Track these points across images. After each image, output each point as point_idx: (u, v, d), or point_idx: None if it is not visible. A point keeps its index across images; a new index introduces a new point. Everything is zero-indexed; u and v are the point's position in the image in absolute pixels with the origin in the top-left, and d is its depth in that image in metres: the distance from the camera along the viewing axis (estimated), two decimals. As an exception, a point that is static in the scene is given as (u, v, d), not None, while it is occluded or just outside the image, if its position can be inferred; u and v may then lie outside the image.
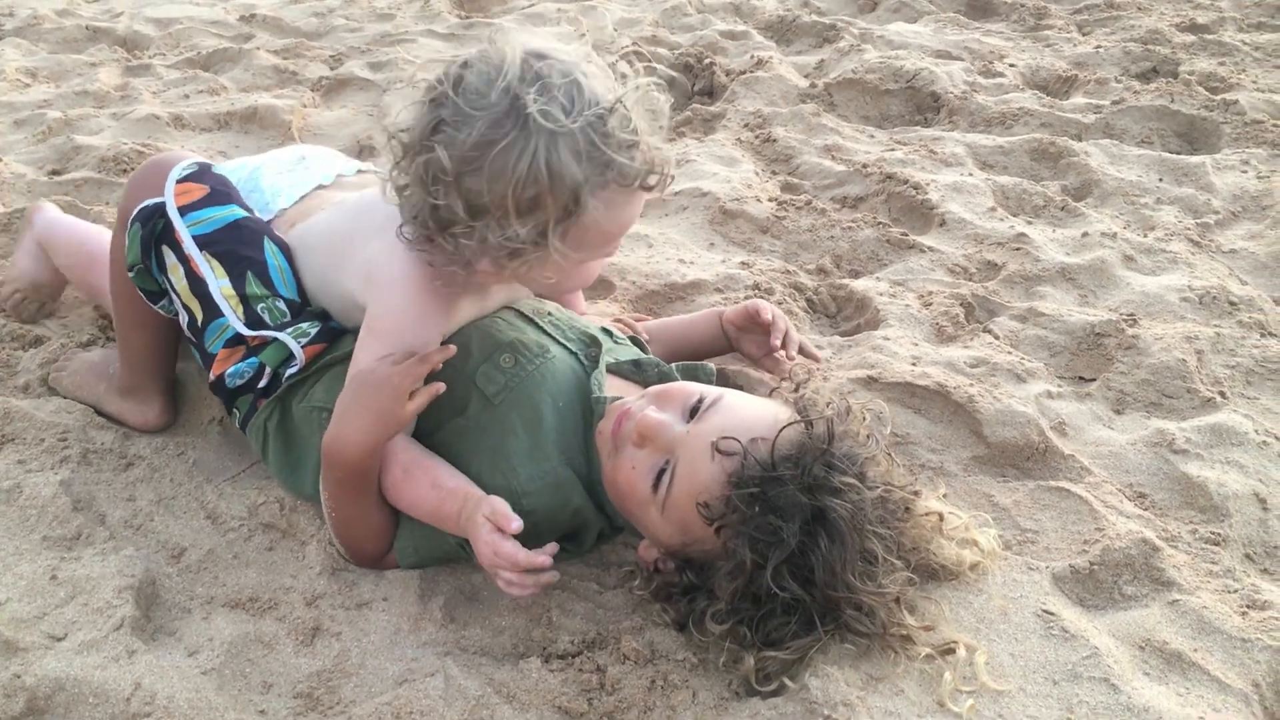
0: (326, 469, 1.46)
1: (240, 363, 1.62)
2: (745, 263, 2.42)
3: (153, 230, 1.62)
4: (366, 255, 1.53)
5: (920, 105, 3.56)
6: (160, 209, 1.61)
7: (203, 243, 1.60)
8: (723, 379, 1.83)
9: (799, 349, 1.89)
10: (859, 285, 2.33)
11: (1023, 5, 4.67)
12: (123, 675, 1.29)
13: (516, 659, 1.38)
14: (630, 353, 1.73)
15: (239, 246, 1.62)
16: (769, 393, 1.60)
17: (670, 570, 1.42)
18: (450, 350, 1.49)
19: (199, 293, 1.62)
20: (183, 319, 1.67)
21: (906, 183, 2.79)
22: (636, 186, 1.37)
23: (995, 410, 1.79)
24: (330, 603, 1.47)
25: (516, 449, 1.49)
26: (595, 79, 1.34)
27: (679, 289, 2.29)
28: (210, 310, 1.62)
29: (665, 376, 1.64)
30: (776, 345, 1.85)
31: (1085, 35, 4.34)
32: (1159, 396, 1.92)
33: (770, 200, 2.77)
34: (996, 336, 2.13)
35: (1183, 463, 1.72)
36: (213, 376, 1.64)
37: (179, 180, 1.63)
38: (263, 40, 4.29)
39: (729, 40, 4.23)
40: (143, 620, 1.41)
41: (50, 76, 3.78)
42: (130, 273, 1.66)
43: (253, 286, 1.61)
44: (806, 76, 3.82)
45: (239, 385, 1.63)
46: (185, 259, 1.61)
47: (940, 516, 1.44)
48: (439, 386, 1.47)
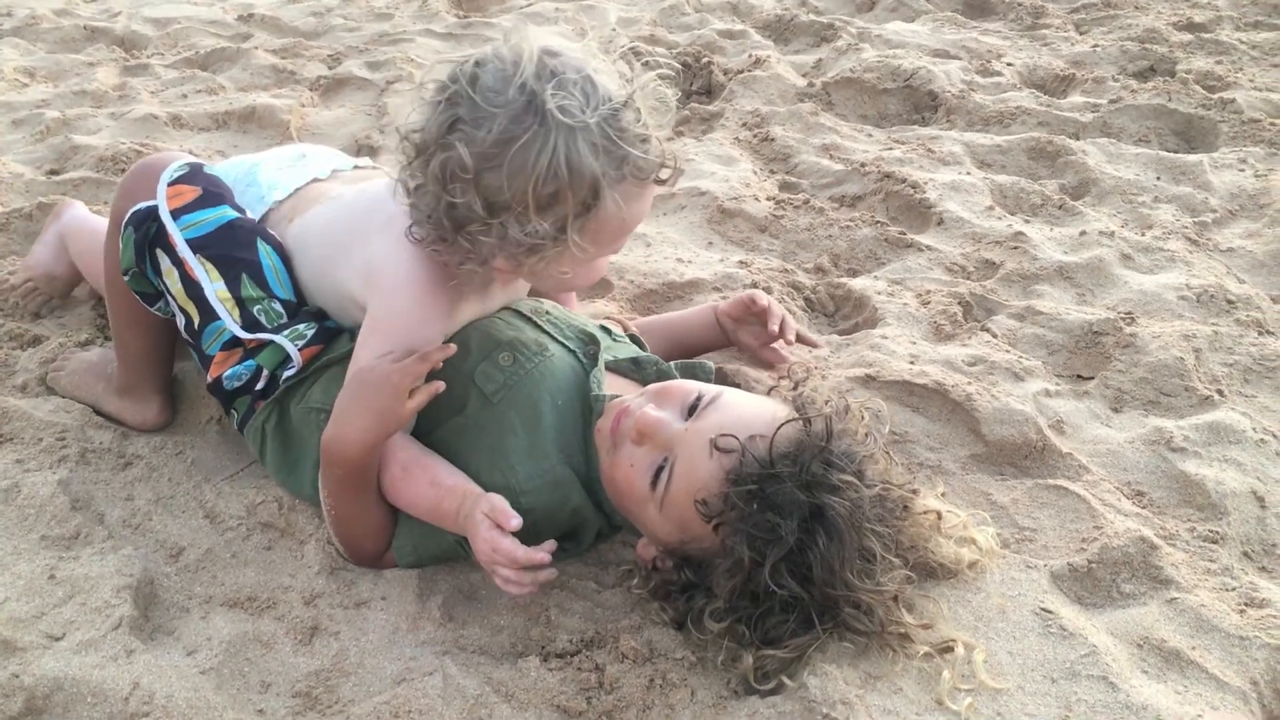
0: (326, 467, 1.46)
1: (237, 365, 1.62)
2: (743, 262, 2.42)
3: (146, 234, 1.61)
4: (367, 254, 1.53)
5: (918, 104, 3.56)
6: (153, 212, 1.61)
7: (196, 246, 1.60)
8: (721, 377, 1.83)
9: (796, 336, 1.89)
10: (857, 284, 2.33)
11: (1020, 4, 4.67)
12: (121, 675, 1.29)
13: (515, 658, 1.38)
14: (629, 350, 1.73)
15: (233, 249, 1.61)
16: (767, 391, 1.60)
17: (668, 568, 1.42)
18: (450, 349, 1.49)
19: (194, 296, 1.61)
20: (179, 321, 1.67)
21: (904, 182, 2.79)
22: (650, 180, 1.39)
23: (993, 409, 1.79)
24: (329, 602, 1.47)
25: (515, 447, 1.49)
26: (605, 75, 1.35)
27: (677, 288, 2.30)
28: (206, 313, 1.61)
29: (664, 374, 1.64)
30: (774, 331, 1.85)
31: (1083, 34, 4.35)
32: (1157, 395, 1.93)
33: (768, 199, 2.77)
34: (994, 335, 2.13)
35: (1181, 461, 1.72)
36: (210, 378, 1.64)
37: (170, 182, 1.62)
38: (261, 40, 4.29)
39: (727, 39, 4.24)
40: (141, 620, 1.41)
41: (48, 76, 3.78)
42: (125, 276, 1.65)
43: (248, 289, 1.61)
44: (804, 76, 3.82)
45: (236, 387, 1.63)
46: (179, 262, 1.60)
47: (938, 515, 1.44)
48: (438, 385, 1.47)
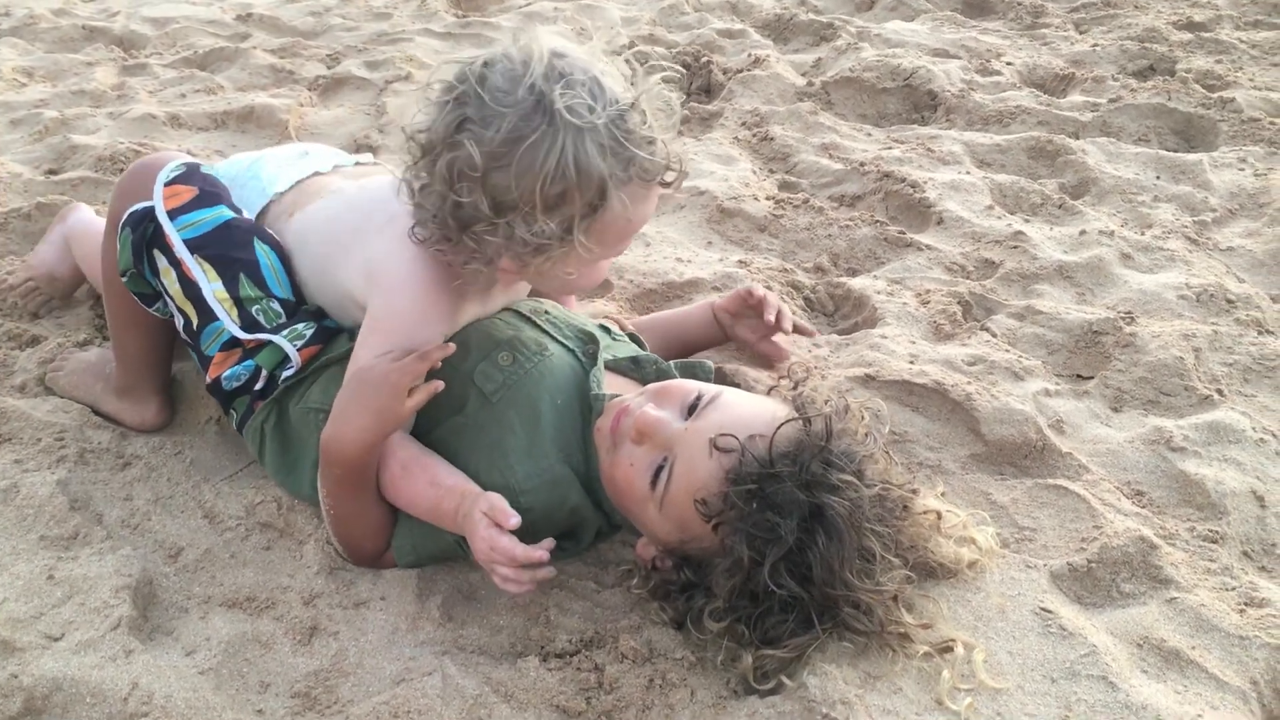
0: (325, 466, 1.46)
1: (236, 365, 1.62)
2: (743, 261, 2.42)
3: (143, 235, 1.60)
4: (369, 253, 1.53)
5: (917, 103, 3.56)
6: (150, 213, 1.60)
7: (194, 246, 1.59)
8: (721, 377, 1.83)
9: (793, 326, 1.90)
10: (856, 283, 2.33)
11: (1020, 3, 4.68)
12: (120, 675, 1.29)
13: (514, 658, 1.37)
14: (628, 350, 1.73)
15: (230, 249, 1.61)
16: (767, 390, 1.60)
17: (668, 568, 1.42)
18: (449, 348, 1.48)
19: (192, 296, 1.61)
20: (178, 322, 1.66)
21: (904, 181, 2.79)
22: (656, 181, 1.39)
23: (993, 408, 1.78)
24: (328, 602, 1.47)
25: (514, 447, 1.48)
26: (612, 78, 1.36)
27: (676, 287, 2.29)
28: (205, 314, 1.61)
29: (663, 374, 1.64)
30: (771, 320, 1.85)
31: (1082, 33, 4.35)
32: (1156, 394, 1.92)
33: (768, 199, 2.77)
34: (994, 334, 2.13)
35: (1180, 460, 1.72)
36: (209, 379, 1.64)
37: (167, 183, 1.62)
38: (259, 39, 4.29)
39: (726, 39, 4.23)
40: (140, 620, 1.41)
41: (47, 76, 3.77)
42: (123, 278, 1.65)
43: (246, 289, 1.61)
44: (804, 75, 3.82)
45: (235, 388, 1.63)
46: (177, 262, 1.60)
47: (938, 514, 1.44)
48: (437, 384, 1.46)
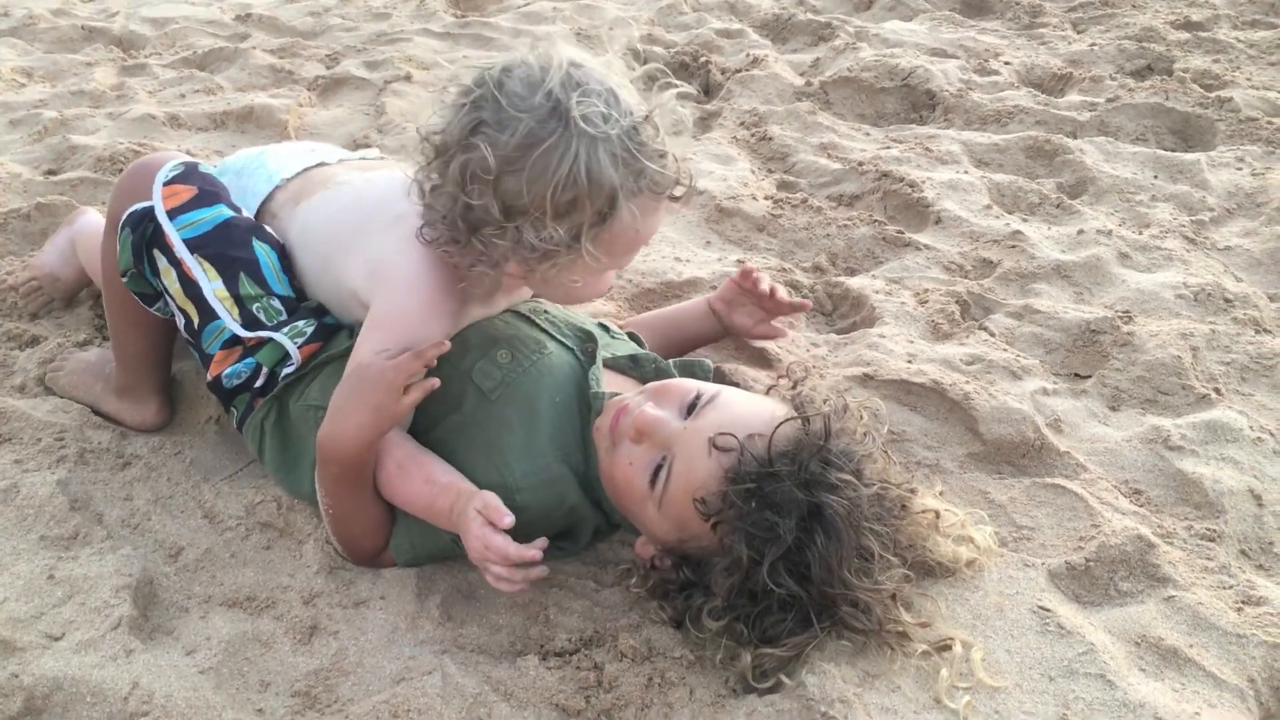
0: (322, 465, 1.46)
1: (237, 363, 1.62)
2: (741, 261, 2.42)
3: (143, 234, 1.60)
4: (375, 250, 1.53)
5: (916, 103, 3.56)
6: (149, 213, 1.60)
7: (193, 246, 1.59)
8: (719, 377, 1.83)
9: (788, 301, 1.93)
10: (855, 283, 2.33)
11: (1018, 3, 4.68)
12: (120, 674, 1.29)
13: (514, 657, 1.38)
14: (627, 348, 1.73)
15: (229, 248, 1.61)
16: (766, 390, 1.61)
17: (667, 567, 1.42)
18: (445, 346, 1.48)
19: (193, 295, 1.61)
20: (179, 321, 1.66)
21: (902, 180, 2.79)
22: (665, 195, 1.41)
23: (991, 407, 1.79)
24: (328, 601, 1.47)
25: (512, 445, 1.49)
26: (627, 90, 1.37)
27: (675, 287, 2.30)
28: (205, 313, 1.61)
29: (662, 372, 1.64)
30: (765, 289, 1.88)
31: (1080, 33, 4.35)
32: (1154, 393, 1.93)
33: (766, 198, 2.77)
34: (992, 334, 2.13)
35: (1178, 459, 1.73)
36: (210, 377, 1.64)
37: (166, 182, 1.62)
38: (259, 40, 4.28)
39: (724, 39, 4.24)
40: (140, 619, 1.41)
41: (46, 76, 3.77)
42: (123, 278, 1.65)
43: (246, 287, 1.61)
44: (802, 75, 3.82)
45: (236, 385, 1.63)
46: (177, 262, 1.60)
47: (936, 513, 1.45)
48: (433, 381, 1.46)
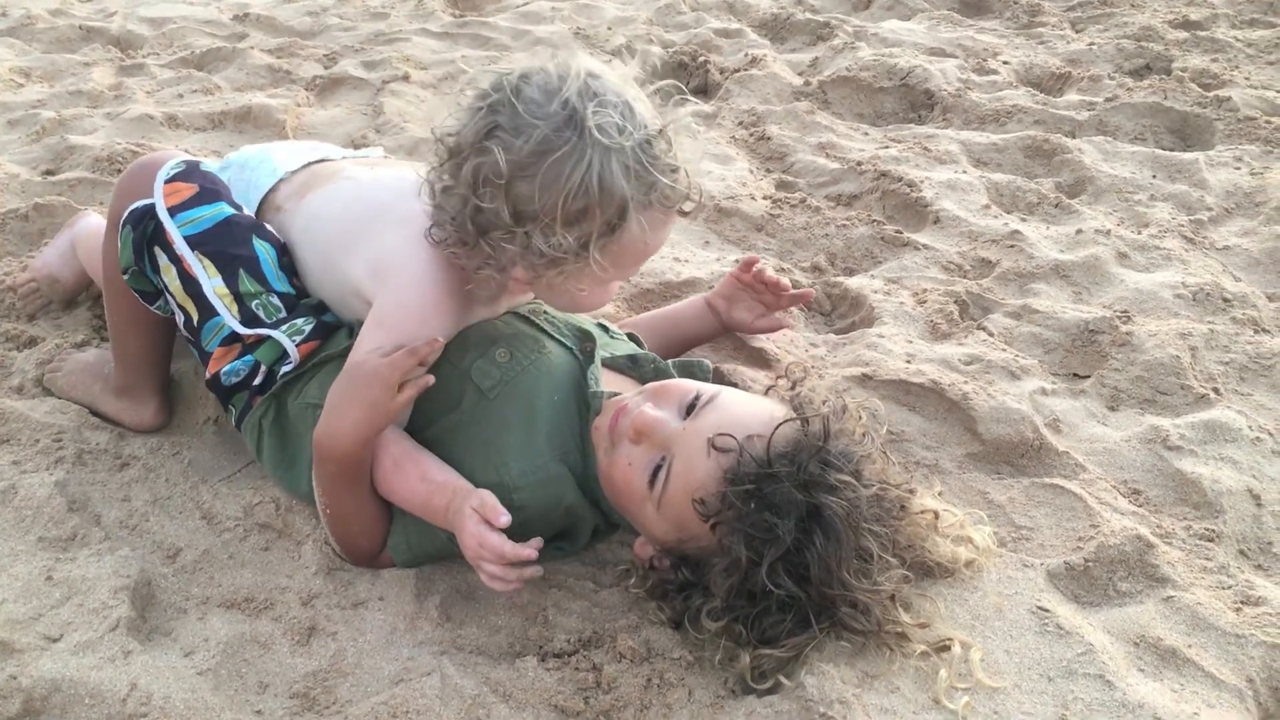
0: (319, 463, 1.46)
1: (236, 361, 1.62)
2: (739, 261, 2.41)
3: (144, 232, 1.61)
4: (380, 248, 1.54)
5: (914, 103, 3.56)
6: (150, 210, 1.61)
7: (194, 243, 1.60)
8: (718, 377, 1.83)
9: (790, 291, 1.94)
10: (853, 283, 2.33)
11: (1016, 2, 4.68)
12: (119, 676, 1.29)
13: (513, 658, 1.38)
14: (626, 348, 1.73)
15: (229, 245, 1.62)
16: (765, 390, 1.61)
17: (666, 567, 1.42)
18: (440, 344, 1.48)
19: (192, 292, 1.61)
20: (179, 319, 1.67)
21: (901, 180, 2.79)
22: (675, 209, 1.42)
23: (990, 407, 1.79)
24: (326, 602, 1.47)
25: (510, 444, 1.49)
26: (642, 104, 1.38)
27: (674, 287, 2.30)
28: (205, 310, 1.62)
29: (661, 372, 1.64)
30: (770, 278, 1.89)
31: (1078, 32, 4.35)
32: (1153, 393, 1.93)
33: (765, 198, 2.77)
34: (991, 334, 2.13)
35: (1177, 459, 1.73)
36: (209, 374, 1.64)
37: (167, 180, 1.62)
38: (256, 39, 4.28)
39: (723, 38, 4.23)
40: (138, 621, 1.41)
41: (44, 76, 3.77)
42: (124, 275, 1.65)
43: (246, 284, 1.61)
44: (801, 74, 3.82)
45: (235, 383, 1.63)
46: (177, 259, 1.60)
47: (935, 514, 1.45)
48: (428, 379, 1.46)
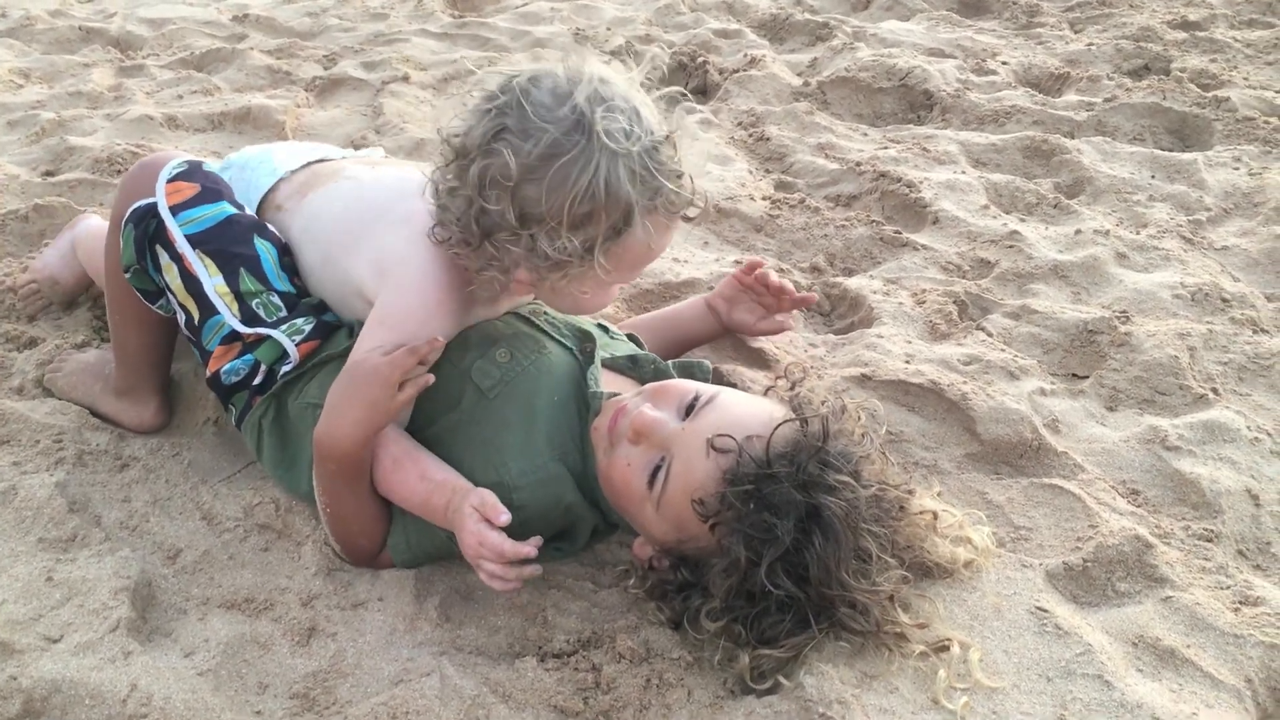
0: (319, 462, 1.46)
1: (236, 360, 1.63)
2: (739, 261, 2.42)
3: (146, 231, 1.62)
4: (383, 247, 1.54)
5: (913, 103, 3.56)
6: (152, 209, 1.62)
7: (195, 241, 1.60)
8: (718, 378, 1.83)
9: (793, 295, 1.92)
10: (853, 283, 2.33)
11: (1015, 3, 4.68)
12: (119, 676, 1.29)
13: (512, 658, 1.38)
14: (626, 348, 1.73)
15: (231, 244, 1.62)
16: (764, 391, 1.61)
17: (665, 568, 1.43)
18: (440, 343, 1.48)
19: (193, 291, 1.62)
20: (180, 318, 1.67)
21: (900, 181, 2.79)
22: (679, 215, 1.43)
23: (989, 408, 1.79)
24: (326, 603, 1.47)
25: (509, 444, 1.49)
26: (649, 110, 1.40)
27: (673, 288, 2.30)
28: (206, 308, 1.62)
29: (661, 373, 1.64)
30: (774, 282, 1.88)
31: (1077, 33, 4.35)
32: (1152, 393, 1.93)
33: (764, 199, 2.78)
34: (990, 334, 2.13)
35: (1175, 459, 1.73)
36: (209, 373, 1.65)
37: (169, 179, 1.63)
38: (256, 40, 4.28)
39: (722, 39, 4.24)
40: (139, 621, 1.41)
41: (43, 77, 3.77)
42: (126, 274, 1.66)
43: (246, 283, 1.61)
44: (800, 75, 3.82)
45: (235, 382, 1.64)
46: (179, 258, 1.61)
47: (934, 514, 1.45)
48: (428, 377, 1.46)
